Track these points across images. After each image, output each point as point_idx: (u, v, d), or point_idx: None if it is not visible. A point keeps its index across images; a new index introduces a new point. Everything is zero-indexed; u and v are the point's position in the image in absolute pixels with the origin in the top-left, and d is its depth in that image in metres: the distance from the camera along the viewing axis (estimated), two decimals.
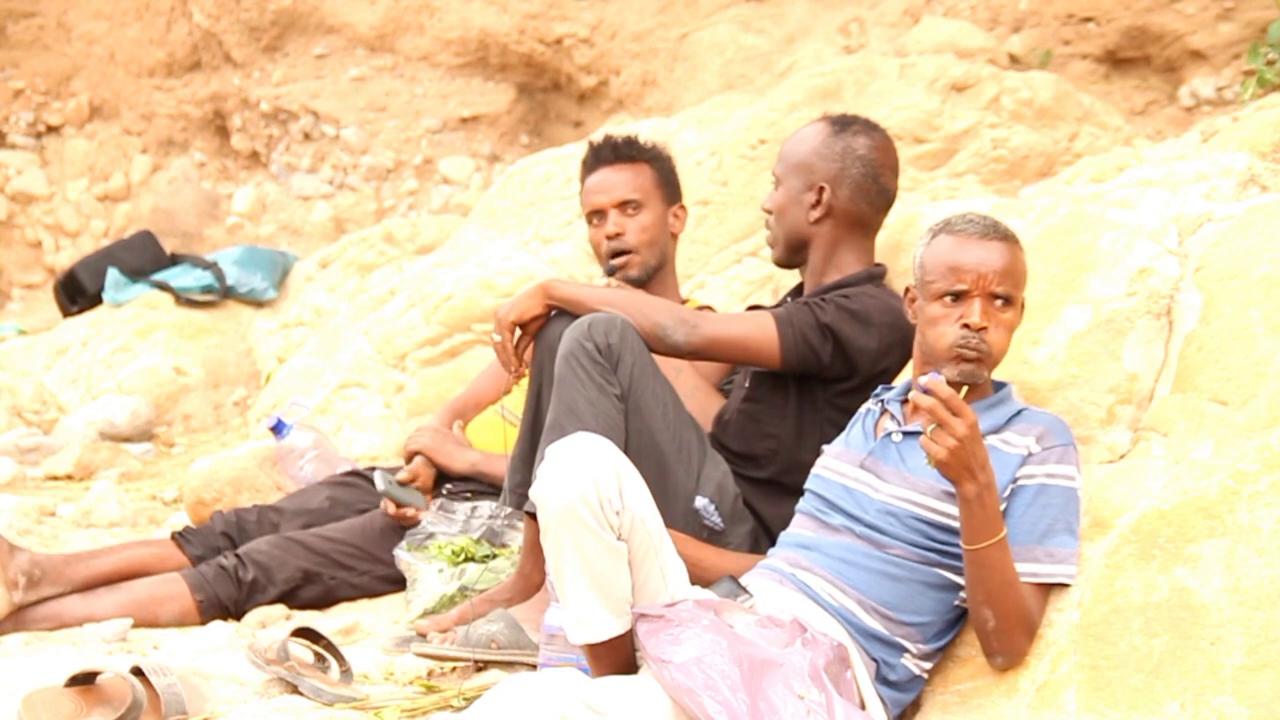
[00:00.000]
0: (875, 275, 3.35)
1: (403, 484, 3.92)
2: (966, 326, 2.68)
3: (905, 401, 2.85)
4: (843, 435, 2.92)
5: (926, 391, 2.50)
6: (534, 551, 3.23)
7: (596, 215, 3.86)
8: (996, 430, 2.70)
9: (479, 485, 3.94)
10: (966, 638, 2.73)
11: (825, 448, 2.92)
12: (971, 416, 2.51)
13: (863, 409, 2.93)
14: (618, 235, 3.81)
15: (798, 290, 3.45)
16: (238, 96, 9.21)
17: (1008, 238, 2.75)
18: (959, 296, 2.71)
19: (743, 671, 2.38)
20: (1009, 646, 2.61)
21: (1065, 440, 2.68)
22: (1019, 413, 2.73)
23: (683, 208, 3.93)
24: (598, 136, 3.99)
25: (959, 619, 2.73)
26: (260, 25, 9.10)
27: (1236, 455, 2.61)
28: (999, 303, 2.71)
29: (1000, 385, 2.80)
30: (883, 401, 2.88)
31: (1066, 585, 2.64)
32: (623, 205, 3.82)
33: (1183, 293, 2.92)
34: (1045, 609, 2.63)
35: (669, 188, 3.89)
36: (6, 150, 9.54)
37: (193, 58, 9.38)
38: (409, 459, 4.03)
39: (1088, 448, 2.83)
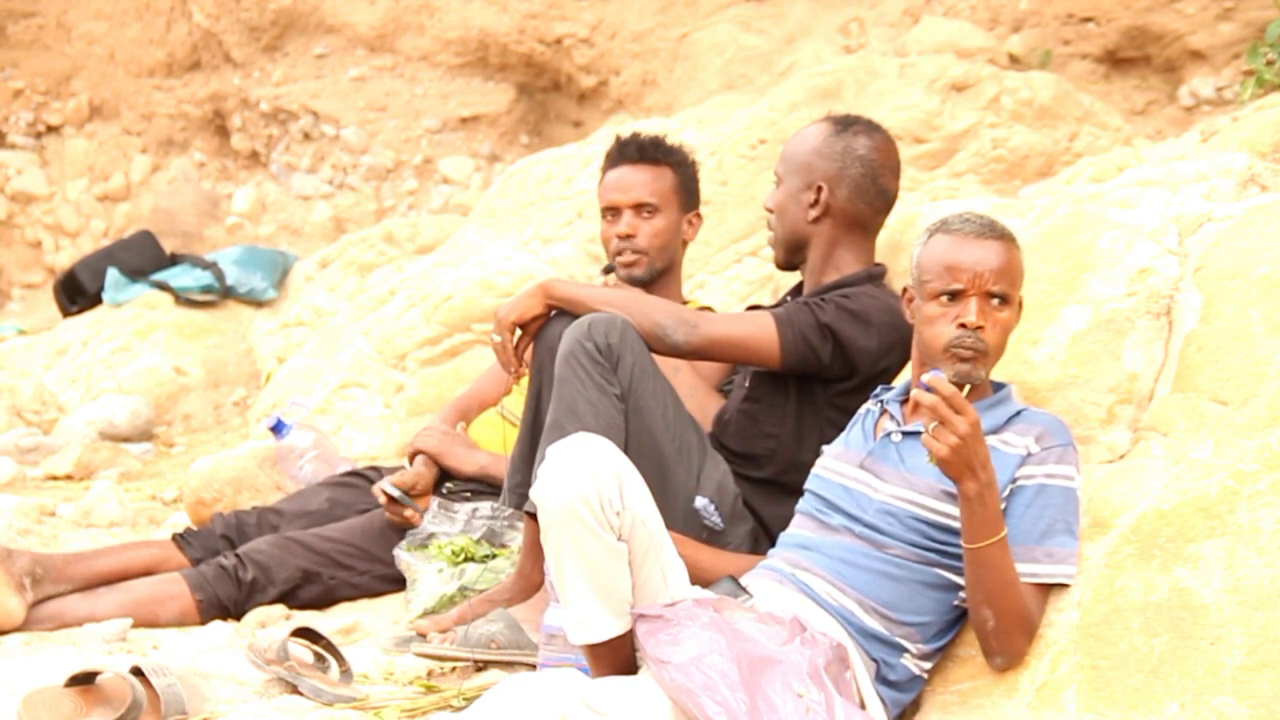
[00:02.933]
0: (875, 275, 3.35)
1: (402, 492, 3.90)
2: (963, 325, 2.68)
3: (904, 402, 2.85)
4: (842, 435, 2.92)
5: (929, 389, 2.50)
6: (534, 551, 3.23)
7: (611, 211, 3.83)
8: (996, 430, 2.70)
9: (479, 485, 3.93)
10: (966, 638, 2.73)
11: (825, 448, 2.92)
12: (974, 414, 2.51)
13: (862, 409, 2.93)
14: (629, 236, 3.79)
15: (797, 290, 3.45)
16: (238, 96, 9.22)
17: (1004, 237, 2.74)
18: (955, 296, 2.71)
19: (741, 670, 2.38)
20: (1008, 647, 2.61)
21: (1064, 440, 2.68)
22: (1018, 413, 2.73)
23: (698, 216, 3.89)
24: (626, 131, 3.94)
25: (959, 619, 2.73)
26: (260, 25, 9.10)
27: (1236, 455, 2.61)
28: (995, 301, 2.71)
29: (1000, 386, 2.80)
30: (882, 402, 2.88)
31: (1066, 585, 2.64)
32: (639, 207, 3.79)
33: (1183, 293, 2.92)
34: (1045, 609, 2.63)
35: (688, 194, 3.85)
36: (6, 150, 9.54)
37: (193, 58, 9.38)
38: (412, 459, 4.03)
39: (1088, 448, 2.83)
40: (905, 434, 2.77)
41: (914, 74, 5.69)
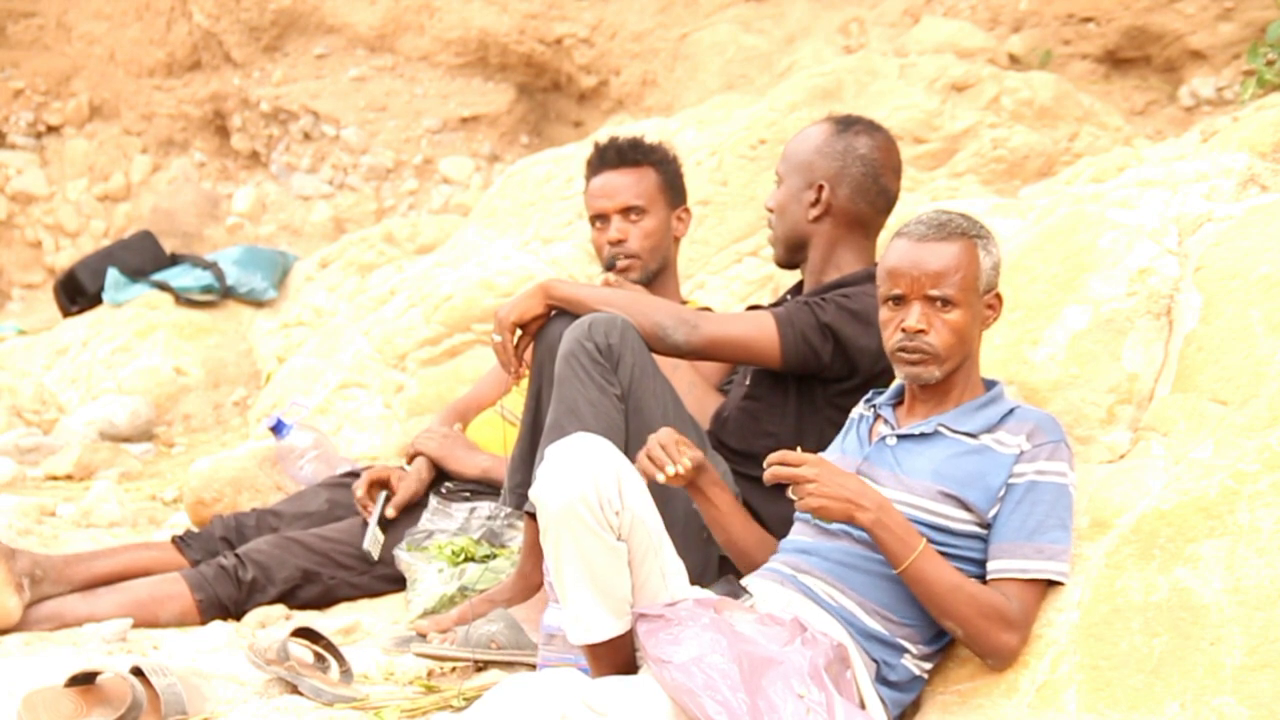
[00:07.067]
0: (875, 274, 3.35)
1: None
2: (904, 330, 2.70)
3: (898, 404, 2.85)
4: (836, 442, 2.92)
5: (774, 470, 2.59)
6: (534, 551, 3.23)
7: (599, 219, 3.83)
8: (990, 430, 2.70)
9: (478, 486, 3.93)
10: None
11: (821, 456, 2.91)
12: (812, 458, 2.58)
13: (855, 414, 2.93)
14: (620, 241, 3.78)
15: (797, 288, 3.45)
16: (238, 96, 9.22)
17: (951, 237, 2.71)
18: (899, 300, 2.72)
19: (742, 670, 2.38)
20: (990, 646, 2.60)
21: (1056, 437, 2.68)
22: (1011, 411, 2.73)
23: (687, 210, 3.90)
24: (603, 138, 3.94)
25: None
26: (260, 25, 9.11)
27: (1236, 455, 2.61)
28: (939, 304, 2.70)
29: (991, 384, 2.80)
30: (875, 406, 2.88)
31: (1059, 583, 2.64)
32: (626, 211, 3.79)
33: (1183, 293, 2.92)
34: (1038, 605, 2.62)
35: (673, 191, 3.85)
36: (6, 150, 9.54)
37: (193, 58, 9.39)
38: (410, 460, 4.03)
39: (1088, 448, 2.83)
40: (900, 437, 2.77)
41: (914, 74, 5.70)
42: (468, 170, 8.85)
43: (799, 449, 2.63)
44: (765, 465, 2.60)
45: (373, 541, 3.78)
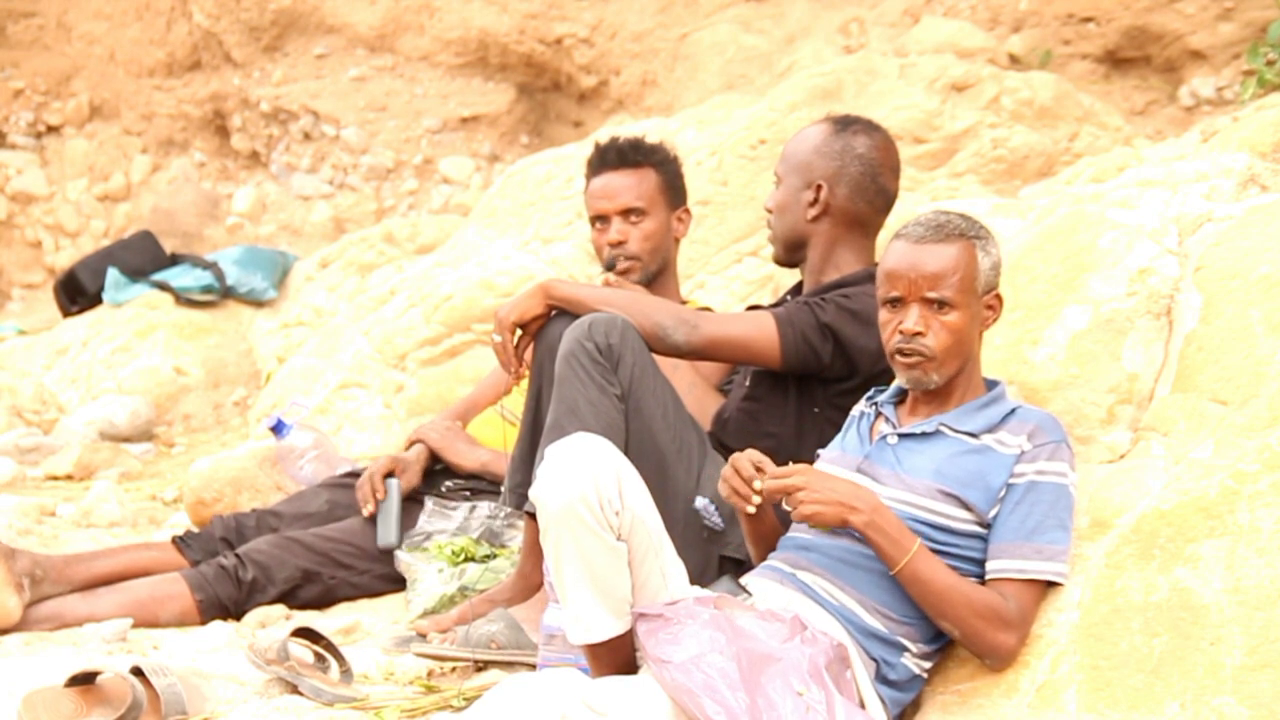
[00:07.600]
0: (875, 274, 3.35)
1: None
2: (901, 332, 2.70)
3: (899, 403, 2.85)
4: (837, 440, 2.92)
5: (765, 486, 2.60)
6: (534, 551, 3.23)
7: (600, 220, 3.83)
8: (991, 430, 2.70)
9: (477, 485, 3.93)
10: None
11: (820, 453, 2.91)
12: (799, 467, 2.60)
13: (855, 412, 2.93)
14: (620, 243, 3.78)
15: (797, 289, 3.45)
16: (238, 96, 9.22)
17: (949, 238, 2.71)
18: (897, 303, 2.73)
19: (741, 668, 2.38)
20: (986, 647, 2.60)
21: (1057, 437, 2.68)
22: (1012, 411, 2.73)
23: (687, 211, 3.89)
24: (604, 138, 3.94)
25: None
26: (260, 25, 9.11)
27: (1236, 455, 2.61)
28: (937, 306, 2.71)
29: (993, 384, 2.80)
30: (876, 404, 2.88)
31: (1058, 584, 2.64)
32: (626, 213, 3.78)
33: (1183, 293, 2.92)
34: (1037, 605, 2.63)
35: (674, 192, 3.85)
36: (6, 150, 9.54)
37: (193, 58, 9.39)
38: (410, 446, 4.04)
39: (1088, 448, 2.83)
40: (901, 436, 2.77)
41: (914, 74, 5.70)
42: (468, 170, 8.85)
43: (790, 463, 2.64)
44: (755, 488, 2.62)
45: (386, 535, 3.80)
